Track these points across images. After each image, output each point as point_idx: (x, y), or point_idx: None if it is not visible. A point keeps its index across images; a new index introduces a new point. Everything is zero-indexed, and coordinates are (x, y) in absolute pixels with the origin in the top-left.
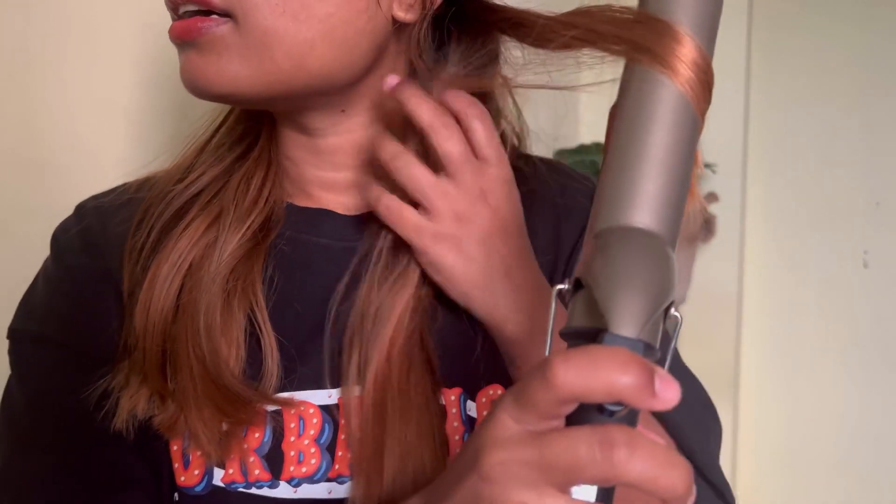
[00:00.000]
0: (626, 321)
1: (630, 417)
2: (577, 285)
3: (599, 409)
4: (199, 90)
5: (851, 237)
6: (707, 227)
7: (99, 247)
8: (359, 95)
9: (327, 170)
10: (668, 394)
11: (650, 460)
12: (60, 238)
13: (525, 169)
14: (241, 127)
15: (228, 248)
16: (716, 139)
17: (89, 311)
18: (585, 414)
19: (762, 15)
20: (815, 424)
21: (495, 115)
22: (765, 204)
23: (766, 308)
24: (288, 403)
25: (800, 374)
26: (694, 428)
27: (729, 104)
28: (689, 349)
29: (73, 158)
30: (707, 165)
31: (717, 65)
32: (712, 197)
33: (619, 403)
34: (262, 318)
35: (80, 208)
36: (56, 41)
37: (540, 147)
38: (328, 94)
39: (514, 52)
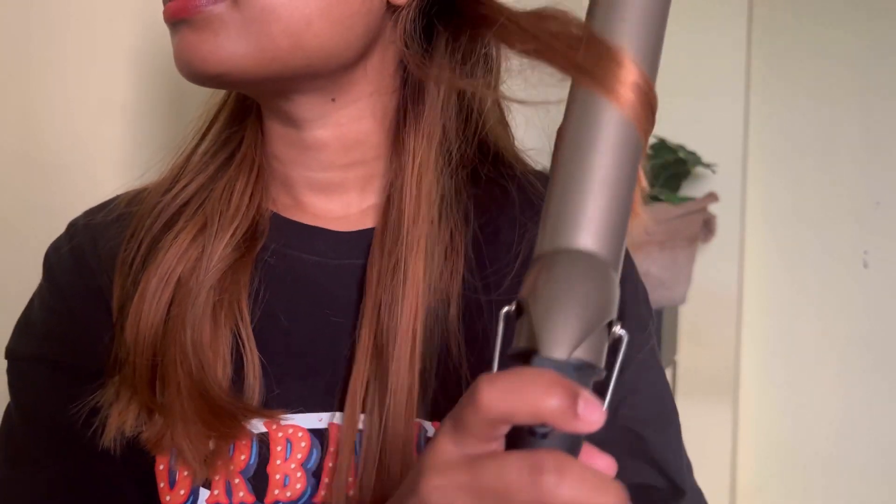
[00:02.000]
0: (556, 343)
1: (565, 440)
2: (521, 307)
3: (530, 431)
4: (193, 70)
5: (851, 237)
6: (707, 227)
7: (89, 265)
8: (350, 84)
9: (315, 169)
10: (592, 416)
11: (579, 486)
12: (52, 257)
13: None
14: (226, 132)
15: (214, 259)
16: (716, 139)
17: (82, 330)
18: (520, 437)
19: (762, 15)
20: (815, 424)
21: (477, 120)
22: (765, 204)
23: (766, 308)
24: (271, 416)
25: (800, 374)
26: (655, 430)
27: (729, 104)
28: (689, 349)
29: (73, 158)
30: (707, 165)
31: (717, 65)
32: (712, 197)
33: (546, 425)
34: (247, 333)
35: (72, 226)
36: (56, 41)
37: (538, 148)
38: (321, 77)
39: (511, 61)
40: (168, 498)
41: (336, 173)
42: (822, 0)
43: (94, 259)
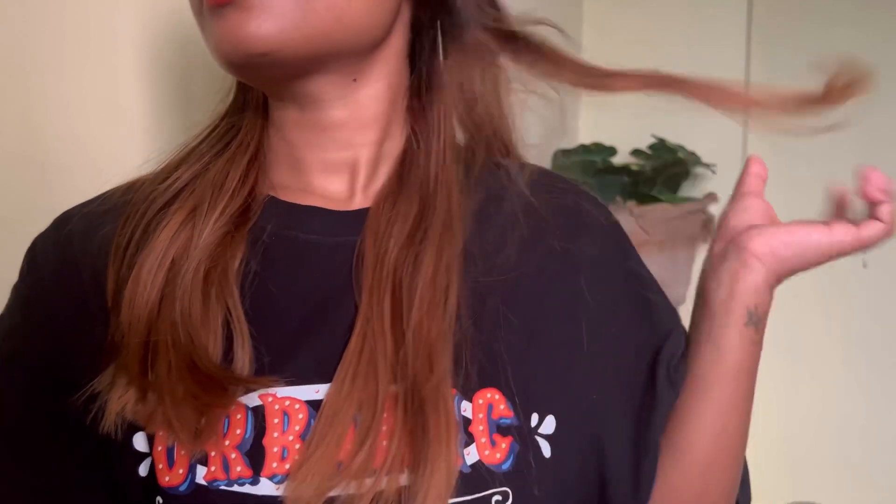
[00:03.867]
0: None
1: None
2: None
3: None
4: (239, 49)
5: None
6: (707, 227)
7: (75, 257)
8: (372, 64)
9: (330, 150)
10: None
11: None
12: (38, 248)
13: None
14: (224, 126)
15: (204, 234)
16: (716, 139)
17: (59, 330)
18: None
19: (761, 15)
20: (816, 424)
21: (473, 101)
22: None
23: None
24: (259, 385)
25: (800, 374)
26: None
27: None
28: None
29: (73, 158)
30: (707, 165)
31: (716, 64)
32: (712, 197)
33: None
34: (234, 306)
35: (64, 217)
36: (55, 41)
37: (539, 147)
38: (352, 55)
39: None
40: (167, 479)
41: (350, 152)
42: (821, 0)
43: (83, 249)
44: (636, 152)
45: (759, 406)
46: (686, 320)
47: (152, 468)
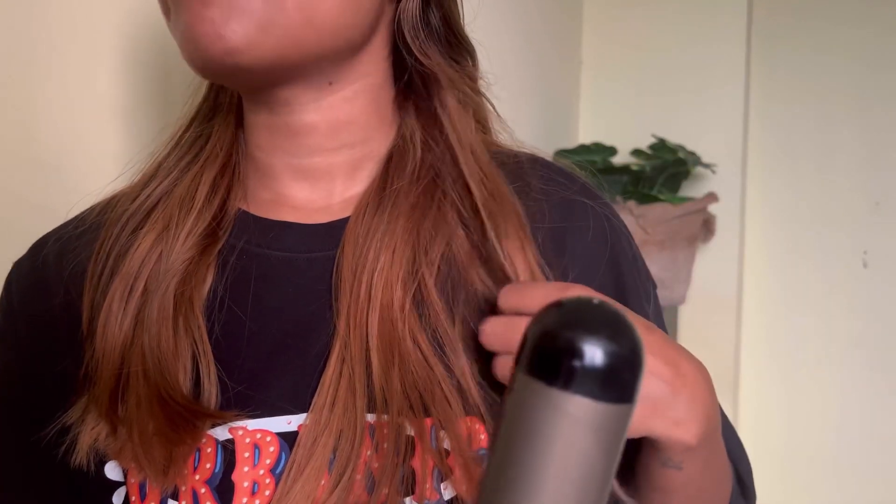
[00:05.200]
0: None
1: None
2: None
3: None
4: (204, 49)
5: (851, 237)
6: (707, 227)
7: (49, 283)
8: (349, 67)
9: (301, 155)
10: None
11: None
12: (13, 276)
13: (509, 163)
14: (194, 134)
15: (171, 260)
16: (715, 139)
17: (31, 361)
18: None
19: (761, 16)
20: (815, 424)
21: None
22: (765, 204)
23: (766, 308)
24: (226, 420)
25: (799, 374)
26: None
27: (729, 104)
28: (689, 349)
29: (72, 158)
30: (707, 165)
31: (717, 65)
32: (712, 197)
33: None
34: (200, 337)
35: (39, 243)
36: (55, 41)
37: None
38: (326, 59)
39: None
40: None
41: (322, 158)
42: (822, 0)
43: (57, 275)
44: (636, 152)
45: (760, 406)
46: (687, 320)
47: (126, 499)
